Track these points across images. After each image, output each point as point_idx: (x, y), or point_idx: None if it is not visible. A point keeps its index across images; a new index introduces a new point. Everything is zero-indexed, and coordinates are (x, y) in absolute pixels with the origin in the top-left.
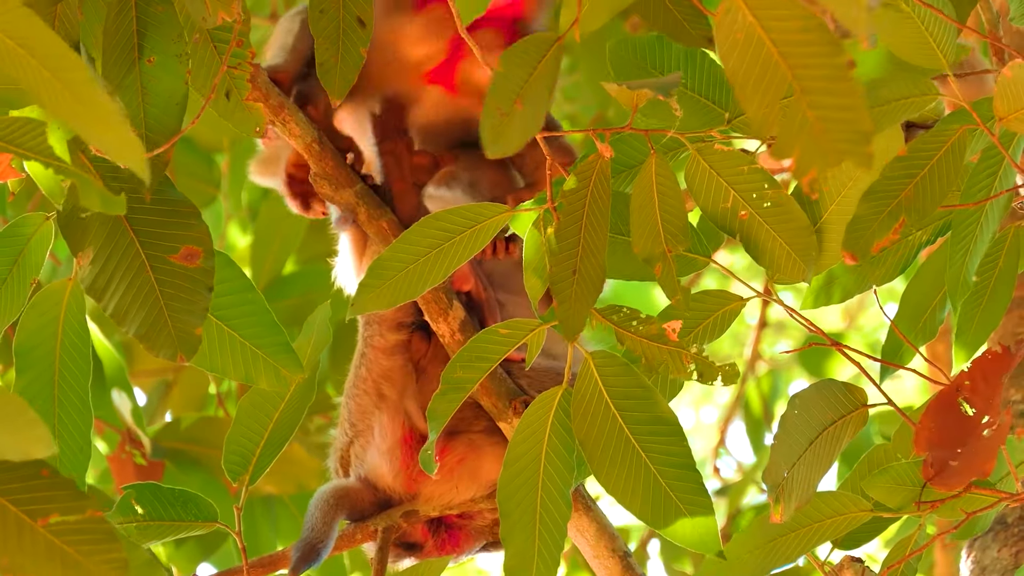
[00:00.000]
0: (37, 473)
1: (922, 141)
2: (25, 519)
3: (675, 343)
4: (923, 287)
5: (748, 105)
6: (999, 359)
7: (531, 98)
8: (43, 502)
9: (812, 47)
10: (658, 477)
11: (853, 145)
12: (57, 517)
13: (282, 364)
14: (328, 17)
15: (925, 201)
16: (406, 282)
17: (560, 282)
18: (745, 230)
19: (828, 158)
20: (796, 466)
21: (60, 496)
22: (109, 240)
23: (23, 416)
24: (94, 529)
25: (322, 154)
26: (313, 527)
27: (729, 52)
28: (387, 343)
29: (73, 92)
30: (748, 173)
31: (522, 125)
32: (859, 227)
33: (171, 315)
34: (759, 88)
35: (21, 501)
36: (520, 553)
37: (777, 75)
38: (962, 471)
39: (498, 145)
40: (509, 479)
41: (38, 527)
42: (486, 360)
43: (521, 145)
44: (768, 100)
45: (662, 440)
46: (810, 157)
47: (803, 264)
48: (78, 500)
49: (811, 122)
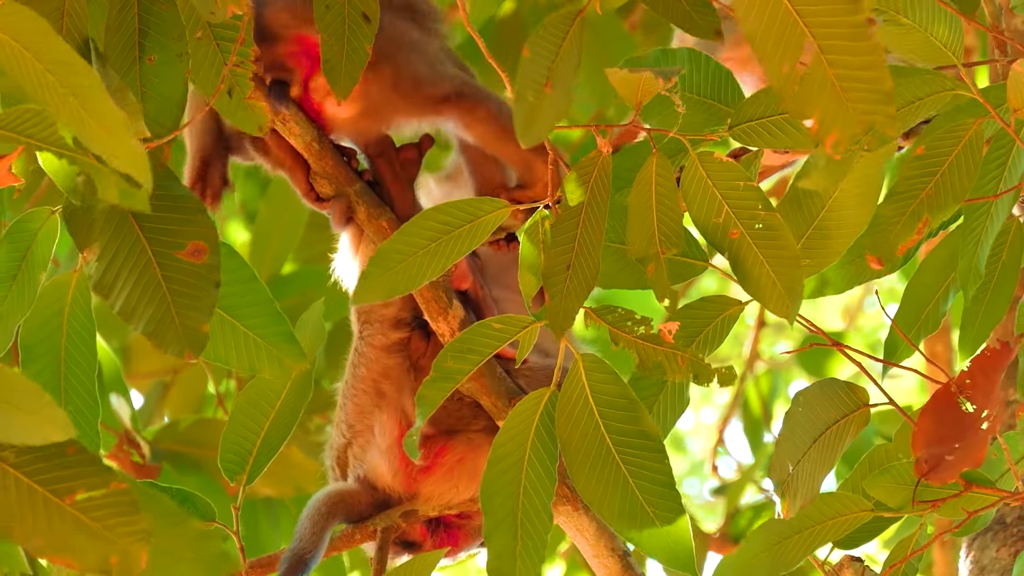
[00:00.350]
0: (63, 452)
1: (938, 138)
2: (52, 499)
3: (671, 345)
4: (927, 279)
5: (767, 65)
6: (997, 355)
7: (559, 79)
8: (69, 479)
9: (831, 5)
10: (636, 491)
11: (875, 105)
12: (83, 494)
13: (285, 354)
14: (333, 12)
15: (947, 198)
16: (406, 273)
17: (553, 276)
18: (734, 251)
19: (849, 118)
20: (801, 463)
21: (86, 472)
22: (115, 236)
23: (39, 401)
24: (118, 502)
25: (321, 153)
26: (302, 537)
27: (747, 12)
28: (387, 341)
29: (79, 98)
30: (744, 189)
31: (553, 108)
32: (882, 229)
33: (178, 312)
34: (778, 48)
35: (47, 481)
36: (502, 553)
37: (795, 34)
38: (955, 463)
39: (531, 131)
40: (492, 479)
41: (66, 505)
42: (477, 353)
43: (553, 128)
44: (787, 60)
45: (643, 455)
46: (832, 117)
47: (788, 301)
48: (102, 475)
49: (831, 81)
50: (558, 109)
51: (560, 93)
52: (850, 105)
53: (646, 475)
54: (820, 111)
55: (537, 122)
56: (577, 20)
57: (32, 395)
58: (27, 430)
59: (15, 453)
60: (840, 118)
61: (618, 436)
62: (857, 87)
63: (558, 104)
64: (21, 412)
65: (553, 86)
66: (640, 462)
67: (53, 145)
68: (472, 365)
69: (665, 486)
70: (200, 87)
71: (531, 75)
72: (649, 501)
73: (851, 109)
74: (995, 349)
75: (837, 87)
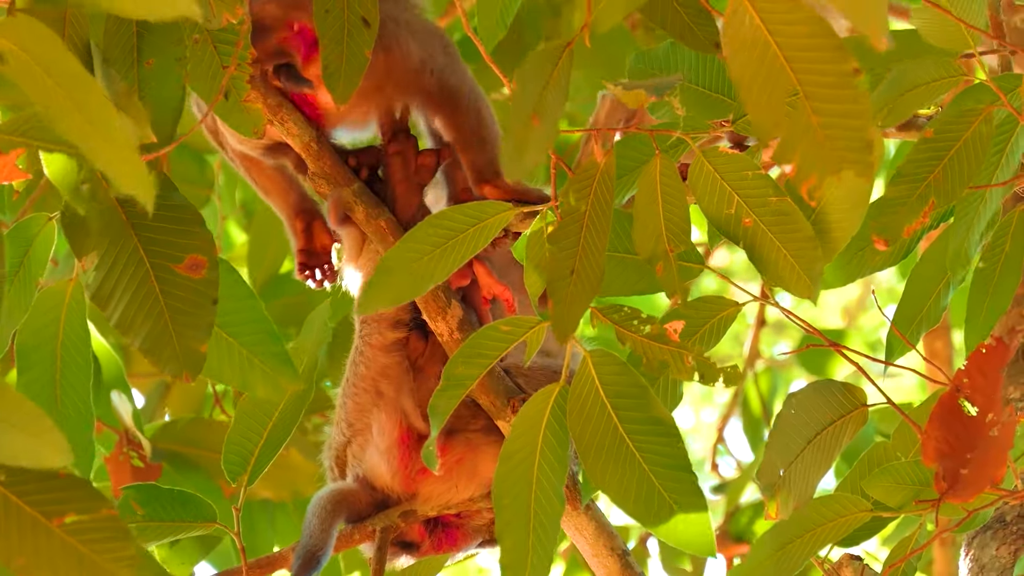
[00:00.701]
0: (54, 474)
1: (947, 122)
2: (41, 519)
3: (677, 343)
4: (928, 271)
5: (753, 108)
6: (995, 352)
7: (546, 111)
8: (59, 503)
9: (819, 52)
10: (652, 477)
11: (855, 153)
12: (73, 517)
13: (279, 374)
14: (333, 16)
15: (953, 182)
16: (411, 280)
17: (557, 281)
18: (749, 238)
19: (829, 165)
20: (793, 465)
21: (76, 496)
22: (113, 245)
23: (39, 423)
24: (107, 527)
25: (320, 153)
26: (312, 534)
27: (735, 54)
28: (385, 340)
29: (84, 113)
30: (752, 179)
31: (539, 140)
32: (889, 211)
33: (176, 330)
34: (764, 92)
35: (37, 502)
36: (515, 549)
37: (782, 79)
38: (973, 479)
39: (518, 165)
40: (505, 475)
41: (53, 527)
42: (486, 357)
43: (539, 161)
44: (773, 104)
45: (657, 441)
46: (811, 163)
47: (808, 279)
48: (93, 500)
49: (814, 128)
50: (545, 142)
51: (547, 126)
52: (830, 153)
53: (661, 460)
54: (800, 157)
55: (525, 155)
56: (566, 53)
57: (33, 417)
58: (25, 452)
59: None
60: (819, 164)
61: (630, 424)
62: (839, 135)
63: (545, 137)
64: (20, 433)
65: (540, 119)
66: (655, 448)
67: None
68: (482, 369)
69: (681, 469)
70: (197, 91)
71: (521, 109)
72: (666, 486)
73: (831, 157)
74: (992, 347)
75: (820, 134)
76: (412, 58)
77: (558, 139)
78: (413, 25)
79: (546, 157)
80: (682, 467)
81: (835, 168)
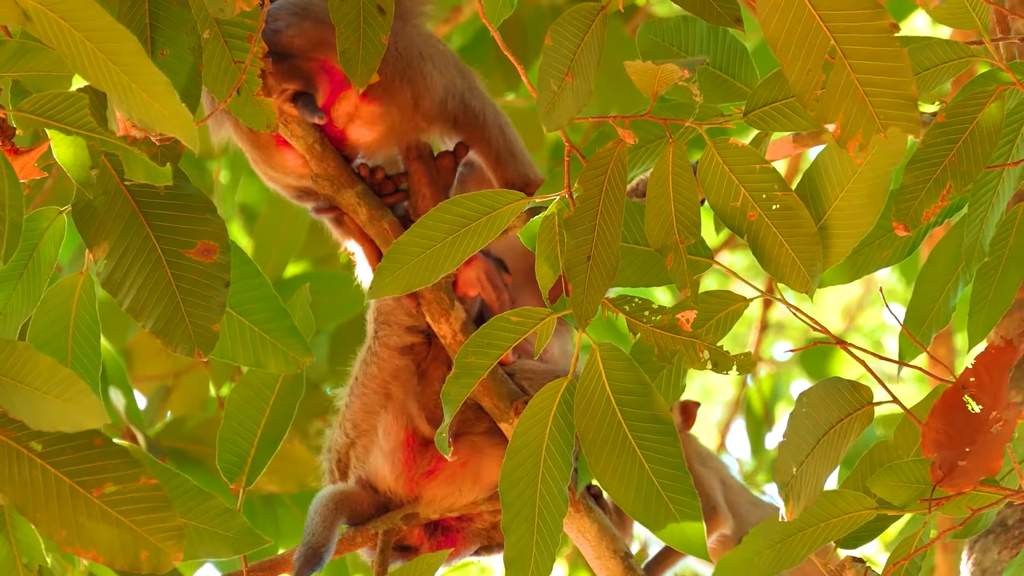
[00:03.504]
0: (90, 443)
1: (959, 105)
2: (80, 490)
3: (689, 333)
4: (936, 272)
5: (789, 70)
6: (1002, 353)
7: (581, 69)
8: (97, 472)
9: (854, 10)
10: (651, 475)
11: (899, 110)
12: (112, 487)
13: (290, 347)
14: (349, 4)
15: (969, 165)
16: (422, 267)
17: (574, 267)
18: (753, 232)
19: (873, 123)
20: (805, 464)
21: (114, 465)
22: (125, 234)
23: (74, 387)
24: (149, 497)
25: (323, 155)
26: (314, 532)
27: (770, 16)
28: (402, 343)
29: (119, 64)
30: (760, 172)
31: (574, 97)
32: (907, 197)
33: (188, 311)
34: (800, 53)
35: (75, 472)
36: (519, 544)
37: (818, 39)
38: (970, 471)
39: (552, 118)
40: (511, 470)
41: (93, 498)
42: (497, 347)
43: (574, 118)
44: (810, 65)
45: (656, 439)
46: (855, 122)
47: (807, 275)
48: (131, 467)
49: (855, 86)
50: (579, 98)
51: (581, 83)
52: (874, 110)
53: (660, 459)
54: (843, 115)
55: (558, 109)
56: (600, 15)
57: (68, 382)
58: (59, 416)
59: (43, 443)
60: (863, 122)
61: (633, 421)
62: (881, 92)
63: (579, 93)
64: (56, 399)
65: (574, 76)
66: (654, 446)
67: (81, 129)
68: (493, 359)
69: (677, 468)
70: (209, 85)
71: (553, 64)
72: (664, 485)
73: (875, 114)
74: (999, 347)
75: (860, 92)
76: (436, 88)
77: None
78: (430, 53)
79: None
80: (679, 467)
81: (880, 126)
